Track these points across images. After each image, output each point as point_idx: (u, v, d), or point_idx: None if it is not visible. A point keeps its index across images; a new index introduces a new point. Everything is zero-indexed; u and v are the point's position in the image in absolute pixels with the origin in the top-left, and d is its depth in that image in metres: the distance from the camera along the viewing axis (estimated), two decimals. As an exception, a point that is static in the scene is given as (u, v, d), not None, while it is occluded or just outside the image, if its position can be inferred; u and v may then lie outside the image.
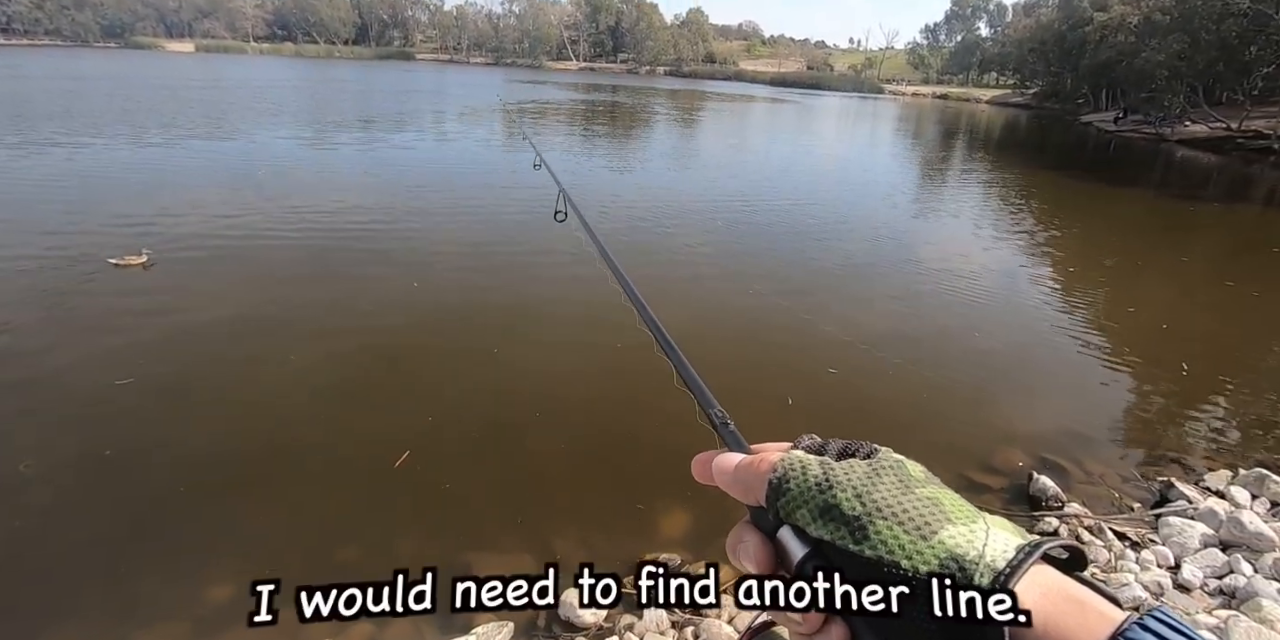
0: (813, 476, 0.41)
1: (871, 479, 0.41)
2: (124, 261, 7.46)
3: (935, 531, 0.37)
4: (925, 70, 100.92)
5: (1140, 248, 12.18)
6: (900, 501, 0.39)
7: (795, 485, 0.41)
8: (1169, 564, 3.71)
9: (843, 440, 0.47)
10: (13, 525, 3.66)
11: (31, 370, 5.20)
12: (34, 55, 59.10)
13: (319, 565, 3.51)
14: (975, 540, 0.37)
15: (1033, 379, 6.32)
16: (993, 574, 0.35)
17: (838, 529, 0.39)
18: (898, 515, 0.38)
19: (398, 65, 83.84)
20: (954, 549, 0.36)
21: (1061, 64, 55.73)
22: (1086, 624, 0.34)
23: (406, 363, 5.76)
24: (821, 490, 0.40)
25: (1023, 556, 0.36)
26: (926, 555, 0.36)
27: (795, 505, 0.41)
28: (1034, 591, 0.35)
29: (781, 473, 0.42)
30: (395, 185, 12.84)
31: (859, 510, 0.38)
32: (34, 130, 16.35)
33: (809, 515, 0.40)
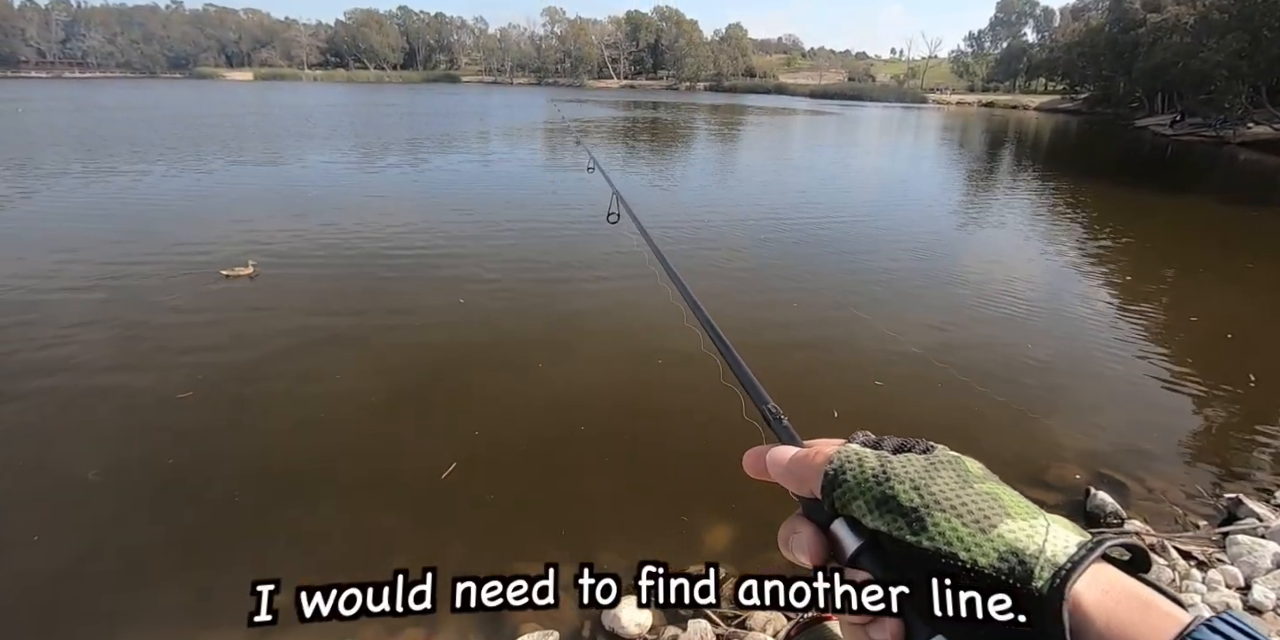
0: (870, 468, 0.41)
1: (929, 472, 0.41)
2: (234, 272, 8.13)
3: (995, 525, 0.37)
4: (970, 78, 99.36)
5: (1201, 255, 11.73)
6: (959, 495, 0.39)
7: (852, 477, 0.41)
8: (1239, 584, 3.54)
9: (898, 437, 0.47)
10: (85, 530, 3.84)
11: (110, 380, 5.47)
12: (107, 87, 62.29)
13: (372, 572, 3.58)
14: (1036, 535, 0.36)
15: (1088, 391, 6.12)
16: (1053, 569, 0.34)
17: (895, 520, 0.38)
18: (956, 508, 0.37)
19: (445, 88, 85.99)
20: (1014, 543, 0.36)
21: (1113, 67, 54.30)
22: (1150, 622, 0.33)
23: (452, 377, 5.87)
24: (879, 482, 0.40)
25: (1084, 553, 0.35)
26: (985, 548, 0.36)
27: (851, 496, 0.41)
28: (1096, 589, 0.35)
29: (838, 465, 0.42)
30: (443, 203, 13.15)
31: (917, 502, 0.38)
32: (114, 156, 17.25)
33: (865, 506, 0.40)
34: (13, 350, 6.05)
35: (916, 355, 6.58)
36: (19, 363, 5.82)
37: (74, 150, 18.98)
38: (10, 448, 4.61)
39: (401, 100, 52.97)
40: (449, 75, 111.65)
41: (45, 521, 3.91)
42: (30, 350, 6.07)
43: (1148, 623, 0.33)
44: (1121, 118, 50.81)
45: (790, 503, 0.48)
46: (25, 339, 6.29)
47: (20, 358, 5.92)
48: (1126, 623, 0.33)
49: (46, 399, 5.24)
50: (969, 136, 39.63)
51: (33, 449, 4.61)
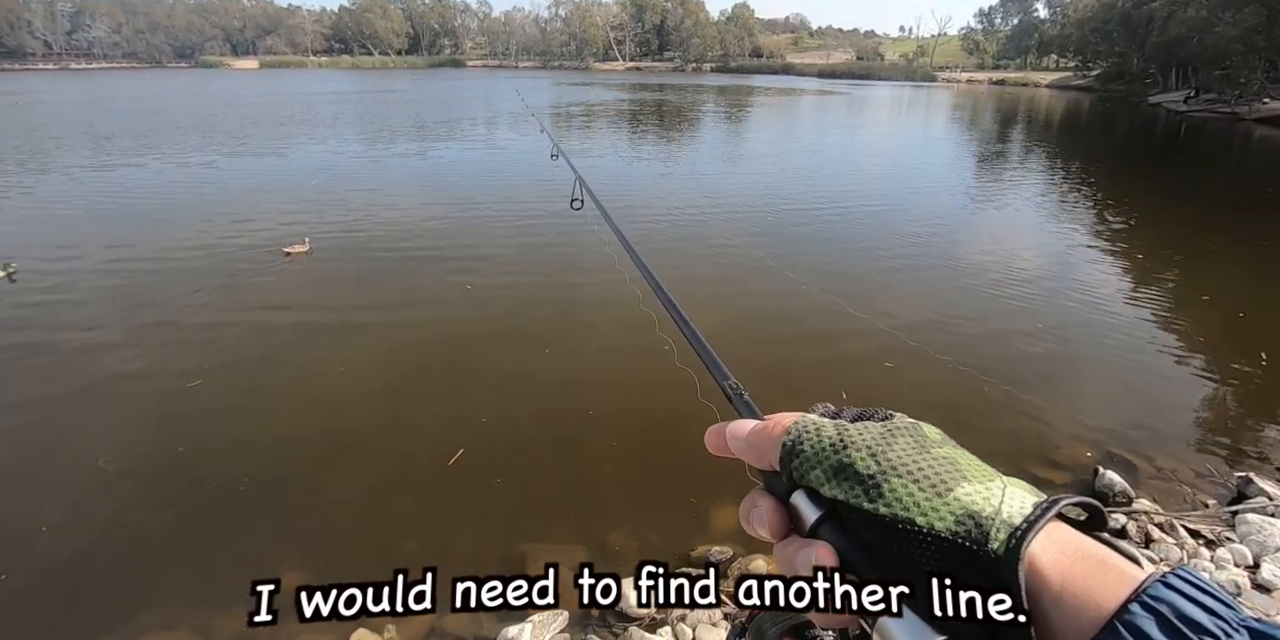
0: (827, 438, 0.41)
1: (887, 439, 0.40)
2: (293, 250, 8.48)
3: (951, 489, 0.37)
4: (980, 56, 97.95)
5: (1216, 233, 11.59)
6: (916, 460, 0.39)
7: (809, 447, 0.41)
8: (1247, 563, 3.54)
9: (858, 408, 0.46)
10: (96, 520, 3.91)
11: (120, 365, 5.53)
12: (116, 79, 62.30)
13: (383, 557, 3.64)
14: (992, 498, 0.36)
15: (1098, 370, 6.09)
16: (1009, 530, 0.34)
17: (852, 488, 0.38)
18: (913, 473, 0.38)
19: (448, 73, 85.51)
20: (970, 506, 0.36)
21: (1126, 43, 53.40)
22: (1106, 581, 0.33)
23: (460, 364, 5.90)
24: (836, 450, 0.40)
25: (1039, 513, 0.35)
26: (942, 512, 0.36)
27: (809, 466, 0.40)
28: (1052, 549, 0.35)
29: (796, 435, 0.42)
30: (444, 191, 13.15)
31: (874, 469, 0.38)
32: (136, 145, 17.31)
33: (823, 476, 0.40)
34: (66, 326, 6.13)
35: (926, 336, 6.56)
36: (74, 340, 5.90)
37: (90, 139, 19.06)
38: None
39: (406, 85, 52.82)
40: (454, 60, 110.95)
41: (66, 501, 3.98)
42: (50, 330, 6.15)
43: (1102, 581, 0.33)
44: (1135, 94, 50.04)
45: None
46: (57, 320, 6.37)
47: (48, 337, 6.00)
48: (1081, 582, 0.34)
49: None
50: (979, 116, 39.15)
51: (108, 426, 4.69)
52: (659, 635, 3.10)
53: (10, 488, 4.20)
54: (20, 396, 5.21)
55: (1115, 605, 0.32)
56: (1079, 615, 0.33)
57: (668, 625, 3.17)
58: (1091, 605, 0.33)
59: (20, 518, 3.91)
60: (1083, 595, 0.33)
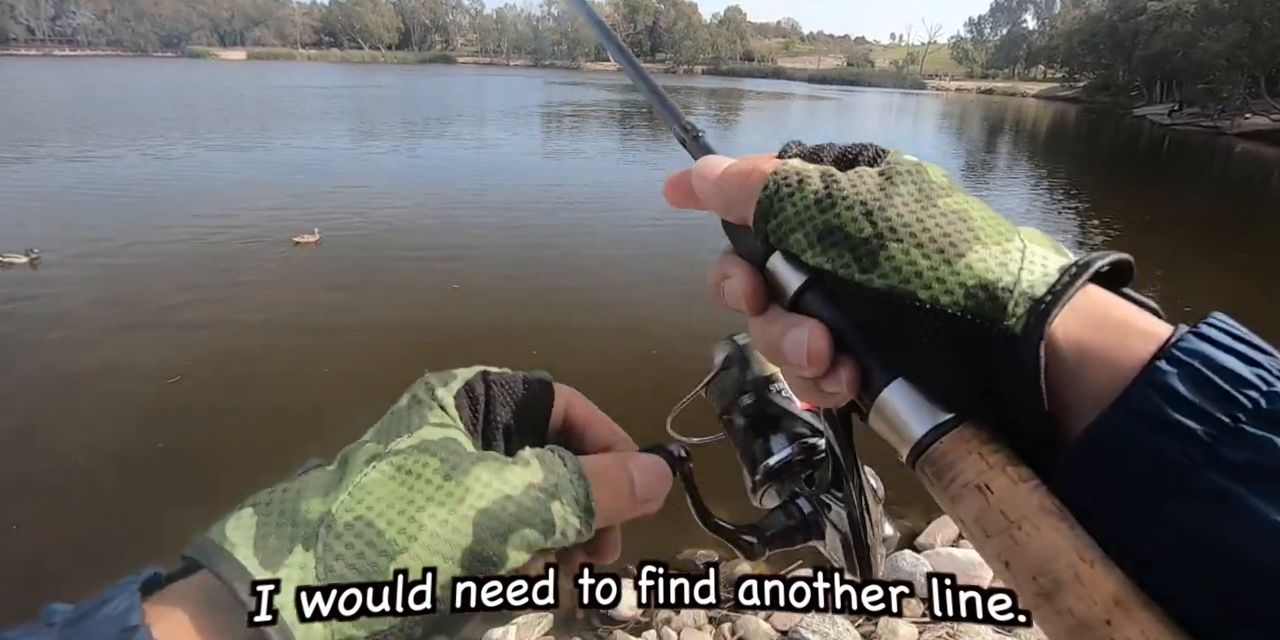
0: (811, 192, 0.33)
1: (885, 190, 0.32)
2: (302, 240, 8.51)
3: (962, 254, 0.30)
4: (969, 64, 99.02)
5: (1197, 246, 11.75)
6: (920, 218, 0.31)
7: (791, 202, 0.33)
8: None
9: (840, 145, 0.38)
10: (70, 517, 3.84)
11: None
12: (102, 67, 61.50)
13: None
14: (1010, 262, 0.30)
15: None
16: (1029, 303, 0.28)
17: (841, 255, 0.31)
18: (916, 235, 0.31)
19: (437, 69, 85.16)
20: (984, 275, 0.29)
21: (1113, 56, 54.18)
22: (1129, 344, 0.28)
23: (448, 360, 5.84)
24: (823, 209, 0.32)
25: (1068, 280, 0.29)
26: (950, 283, 0.29)
27: (789, 228, 0.33)
28: (1071, 319, 0.29)
29: (774, 187, 0.34)
30: (432, 189, 13.08)
31: (868, 231, 0.31)
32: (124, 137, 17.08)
33: (805, 240, 0.32)
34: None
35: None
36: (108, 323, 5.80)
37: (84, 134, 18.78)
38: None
39: (395, 81, 52.55)
40: (444, 56, 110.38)
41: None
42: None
43: (1124, 345, 0.28)
44: (1120, 106, 50.71)
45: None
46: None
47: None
48: (1101, 345, 0.29)
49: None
50: (967, 124, 39.52)
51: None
52: (644, 637, 3.09)
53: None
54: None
55: (1138, 365, 0.27)
56: (1099, 381, 0.28)
57: (653, 628, 3.15)
58: (1114, 369, 0.28)
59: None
60: (1104, 360, 0.28)
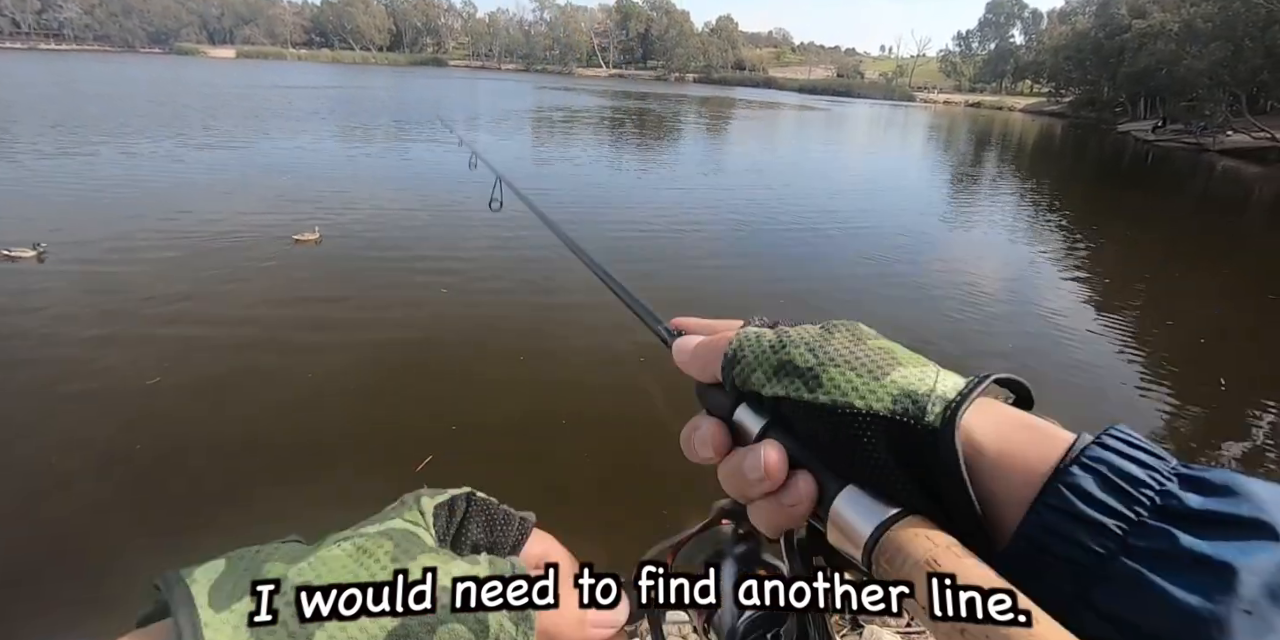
0: (767, 341, 0.41)
1: (823, 336, 0.41)
2: (302, 237, 8.67)
3: (887, 373, 0.38)
4: (957, 78, 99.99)
5: (1179, 260, 11.91)
6: (853, 351, 0.39)
7: (750, 351, 0.41)
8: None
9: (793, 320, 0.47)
10: (48, 518, 3.77)
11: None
12: (84, 62, 60.77)
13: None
14: (926, 378, 0.37)
15: (1063, 391, 6.20)
16: (944, 403, 0.35)
17: (792, 382, 0.39)
18: (850, 362, 0.38)
19: (428, 71, 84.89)
20: (906, 386, 0.37)
21: (1098, 72, 54.92)
22: (1042, 446, 0.34)
23: (432, 367, 5.82)
24: (776, 351, 0.40)
25: (972, 386, 0.36)
26: (880, 394, 0.37)
27: (750, 369, 0.41)
28: (986, 422, 0.36)
29: (738, 343, 0.42)
30: (426, 191, 13.03)
31: (812, 361, 0.39)
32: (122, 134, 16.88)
33: (764, 376, 0.40)
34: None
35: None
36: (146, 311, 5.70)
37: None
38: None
39: (386, 82, 52.39)
40: (435, 59, 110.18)
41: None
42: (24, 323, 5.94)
43: (1038, 446, 0.34)
44: (1105, 122, 51.40)
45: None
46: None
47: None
48: (1017, 448, 0.35)
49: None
50: (955, 136, 39.90)
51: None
52: (626, 648, 3.06)
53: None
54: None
55: (1052, 467, 0.33)
56: (1017, 479, 0.34)
57: (637, 636, 3.13)
58: (1029, 469, 0.34)
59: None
60: (1020, 460, 0.34)
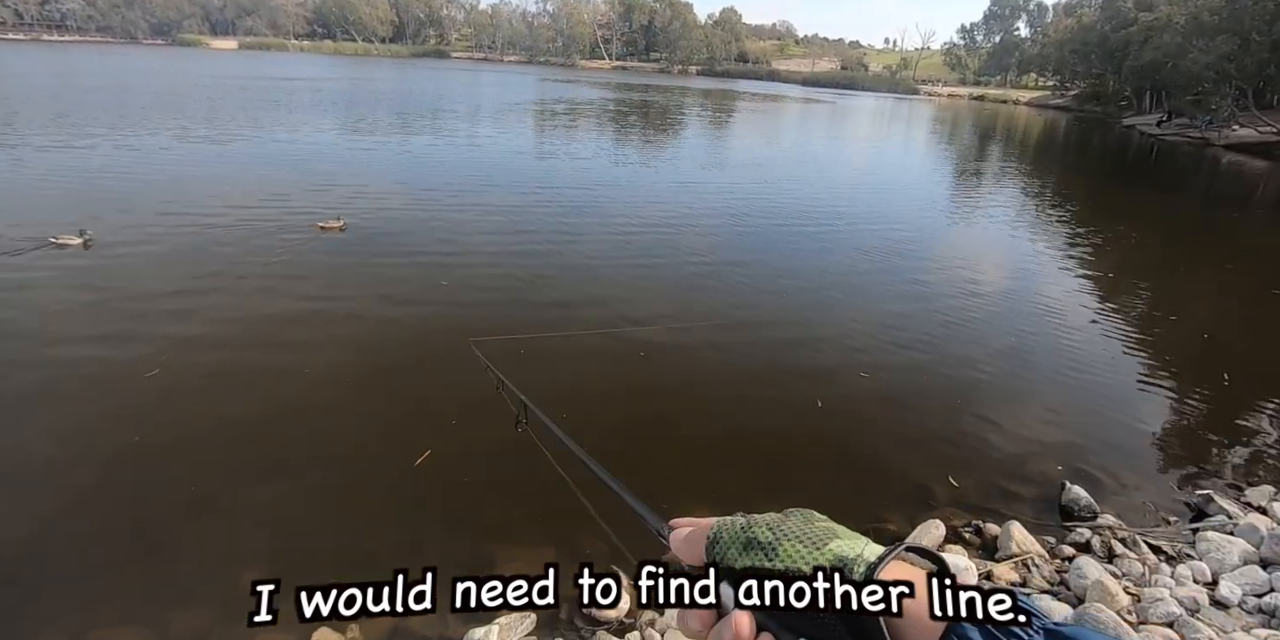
0: (738, 525, 0.54)
1: (781, 519, 0.53)
2: (327, 225, 9.00)
3: (826, 543, 0.49)
4: (962, 71, 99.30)
5: (1183, 255, 11.88)
6: (803, 529, 0.51)
7: (726, 533, 0.53)
8: (1206, 580, 3.61)
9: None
10: (44, 510, 3.78)
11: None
12: (86, 53, 60.57)
13: (348, 553, 3.57)
14: (856, 547, 0.49)
15: (1067, 387, 6.19)
16: (866, 564, 0.46)
17: (756, 554, 0.50)
18: (799, 537, 0.50)
19: (429, 63, 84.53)
20: (840, 553, 0.48)
21: (1103, 65, 54.57)
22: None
23: (432, 362, 5.81)
24: (744, 530, 0.53)
25: (888, 552, 0.48)
26: (819, 559, 0.48)
27: (726, 546, 0.52)
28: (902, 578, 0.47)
29: (716, 529, 0.55)
30: (435, 182, 13.02)
31: (770, 538, 0.51)
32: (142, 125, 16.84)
33: (736, 551, 0.51)
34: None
35: (898, 350, 6.63)
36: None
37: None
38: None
39: (389, 75, 52.18)
40: (438, 51, 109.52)
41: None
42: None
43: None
44: (1110, 116, 51.10)
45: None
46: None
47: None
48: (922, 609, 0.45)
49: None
50: (959, 130, 39.70)
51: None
52: (627, 639, 3.08)
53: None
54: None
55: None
56: (922, 625, 0.45)
57: (636, 630, 3.15)
58: (931, 622, 0.44)
59: None
60: (923, 617, 0.45)
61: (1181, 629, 3.18)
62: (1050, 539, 4.02)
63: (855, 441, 5.01)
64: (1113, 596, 3.31)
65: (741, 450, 4.78)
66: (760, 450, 4.80)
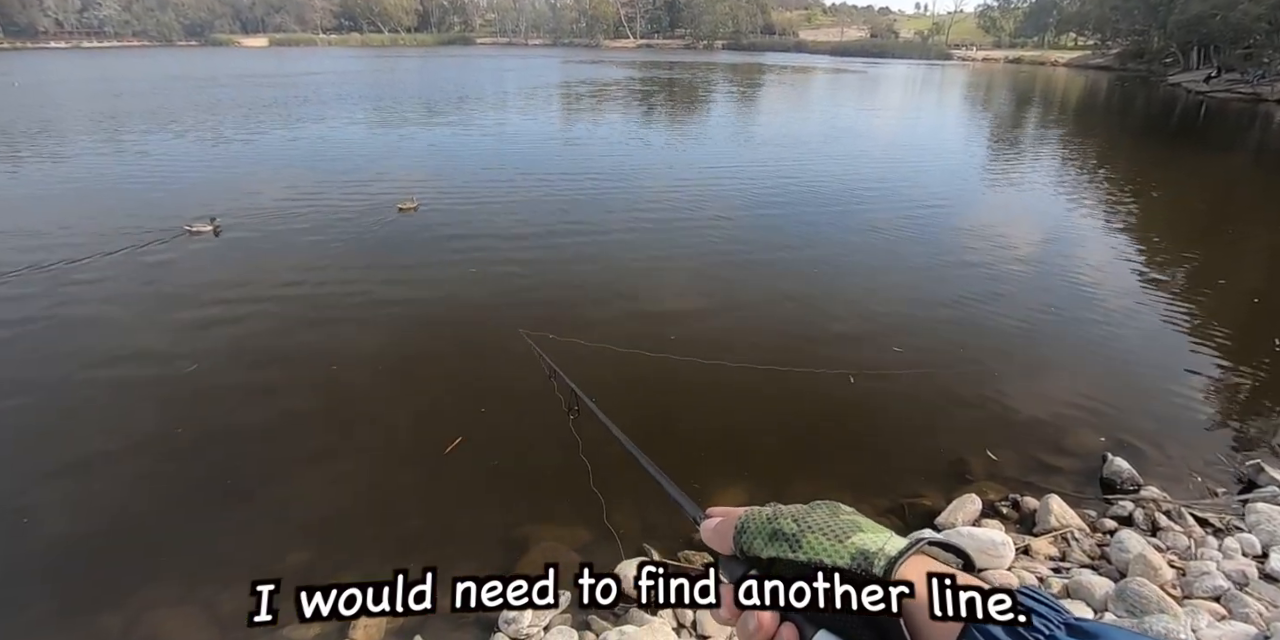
0: (765, 515, 0.55)
1: (806, 510, 0.54)
2: (405, 205, 9.77)
3: (849, 536, 0.50)
4: (997, 33, 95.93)
5: (1234, 216, 11.41)
6: (827, 521, 0.52)
7: (753, 524, 0.54)
8: (1255, 553, 3.50)
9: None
10: (100, 498, 3.95)
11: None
12: (124, 57, 61.96)
13: (386, 534, 3.66)
14: (879, 541, 0.49)
15: (1109, 355, 6.02)
16: (887, 559, 0.47)
17: (781, 545, 0.51)
18: (823, 529, 0.51)
19: (454, 50, 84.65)
20: (862, 547, 0.49)
21: (1147, 21, 52.14)
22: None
23: (458, 350, 5.88)
24: (770, 520, 0.54)
25: (910, 545, 0.48)
26: (841, 552, 0.49)
27: (752, 537, 0.54)
28: (921, 574, 0.47)
29: (744, 519, 0.56)
30: (463, 169, 13.10)
31: (795, 529, 0.52)
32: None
33: (762, 541, 0.53)
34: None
35: (938, 319, 6.51)
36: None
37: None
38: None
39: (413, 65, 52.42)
40: (463, 37, 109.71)
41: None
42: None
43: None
44: (1155, 74, 48.94)
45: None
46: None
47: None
48: None
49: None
50: (994, 95, 38.47)
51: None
52: (659, 617, 3.11)
53: (11, 468, 4.24)
54: (24, 376, 5.25)
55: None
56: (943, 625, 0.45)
57: (669, 609, 3.17)
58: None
59: (22, 497, 3.95)
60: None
61: (1229, 603, 3.09)
62: (1091, 512, 3.94)
63: (889, 417, 4.96)
64: (1156, 570, 3.23)
65: (774, 429, 4.76)
66: (791, 428, 4.78)
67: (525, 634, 3.00)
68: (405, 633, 3.09)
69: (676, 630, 3.07)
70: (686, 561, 3.48)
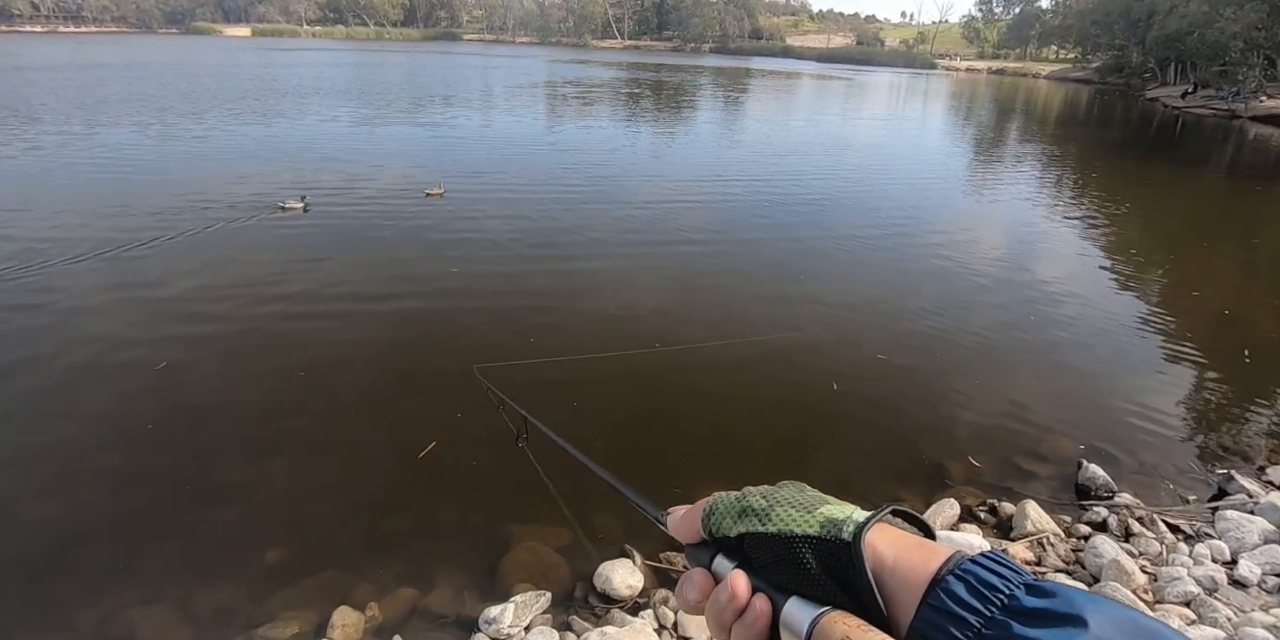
0: (733, 496, 0.56)
1: (773, 489, 0.56)
2: (432, 192, 10.31)
3: (818, 507, 0.52)
4: (980, 44, 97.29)
5: (1207, 229, 11.64)
6: (794, 497, 0.54)
7: (721, 505, 0.56)
8: (1225, 559, 3.58)
9: None
10: (73, 493, 3.87)
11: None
12: (104, 43, 60.87)
13: (364, 534, 3.63)
14: (844, 511, 0.51)
15: (1085, 363, 6.12)
16: (855, 525, 0.49)
17: (750, 520, 0.53)
18: (791, 503, 0.53)
19: (438, 46, 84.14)
20: (830, 516, 0.50)
21: (1127, 36, 53.11)
22: (926, 558, 0.47)
23: (437, 351, 5.84)
24: (738, 500, 0.55)
25: (876, 513, 0.50)
26: (811, 522, 0.50)
27: (721, 517, 0.55)
28: (887, 541, 0.49)
29: (713, 501, 0.57)
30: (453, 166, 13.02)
31: (764, 504, 0.53)
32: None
33: (731, 520, 0.54)
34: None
35: (916, 329, 6.58)
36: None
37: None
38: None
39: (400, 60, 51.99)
40: (449, 33, 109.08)
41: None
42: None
43: (923, 558, 0.47)
44: (1133, 88, 49.86)
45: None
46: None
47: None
48: (907, 559, 0.47)
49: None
50: (977, 105, 38.96)
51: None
52: (641, 617, 3.11)
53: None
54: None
55: (933, 574, 0.45)
56: (907, 581, 0.46)
57: (650, 608, 3.18)
58: (916, 574, 0.46)
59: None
60: (908, 568, 0.47)
61: (1199, 608, 3.16)
62: (1066, 518, 4.00)
63: (871, 423, 5.00)
64: (1129, 575, 3.30)
65: (756, 435, 4.78)
66: (775, 435, 4.81)
67: (506, 634, 2.99)
68: (384, 632, 3.06)
69: (658, 631, 3.07)
70: (668, 563, 3.50)
